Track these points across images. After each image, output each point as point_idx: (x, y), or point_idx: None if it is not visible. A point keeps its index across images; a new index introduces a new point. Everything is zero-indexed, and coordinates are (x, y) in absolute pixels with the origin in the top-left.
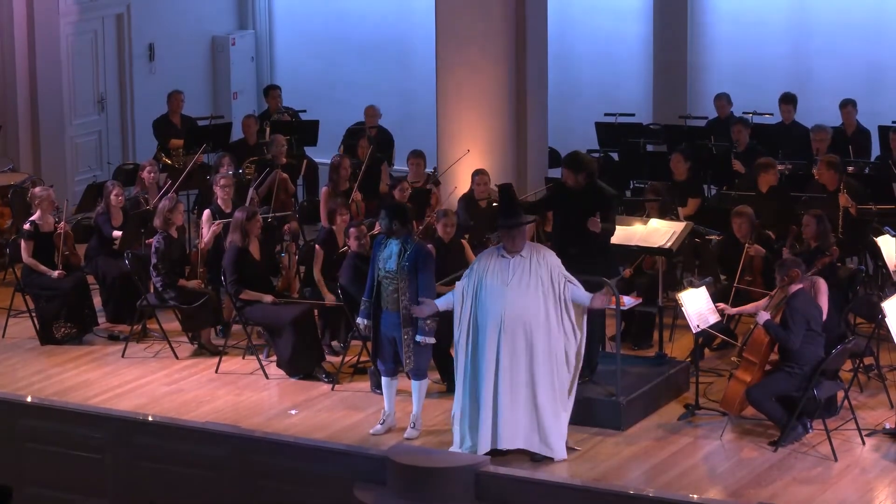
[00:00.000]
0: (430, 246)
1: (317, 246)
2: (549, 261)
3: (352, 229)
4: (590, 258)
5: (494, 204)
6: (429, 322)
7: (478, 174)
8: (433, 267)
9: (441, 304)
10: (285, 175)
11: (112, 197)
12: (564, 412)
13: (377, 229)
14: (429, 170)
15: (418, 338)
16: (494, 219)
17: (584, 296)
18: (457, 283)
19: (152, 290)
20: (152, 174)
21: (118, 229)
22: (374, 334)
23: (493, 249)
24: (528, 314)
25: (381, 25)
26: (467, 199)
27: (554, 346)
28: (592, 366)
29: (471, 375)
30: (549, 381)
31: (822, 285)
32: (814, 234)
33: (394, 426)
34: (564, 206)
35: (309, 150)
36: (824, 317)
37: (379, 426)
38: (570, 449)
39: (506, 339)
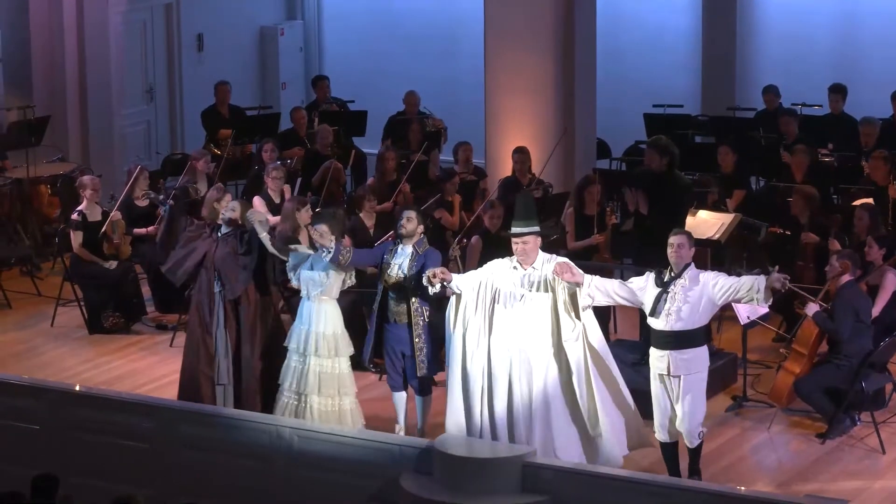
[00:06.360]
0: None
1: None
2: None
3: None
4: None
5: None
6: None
7: (517, 152)
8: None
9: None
10: (340, 165)
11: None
12: (575, 423)
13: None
14: (477, 161)
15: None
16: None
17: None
18: (472, 273)
19: None
20: (206, 164)
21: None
22: (382, 348)
23: (505, 260)
24: (535, 333)
25: (428, 16)
26: (509, 183)
27: (567, 360)
28: None
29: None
30: (558, 396)
31: (891, 279)
32: (866, 227)
33: None
34: (648, 186)
35: (357, 141)
36: (877, 311)
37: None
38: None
39: (513, 359)
